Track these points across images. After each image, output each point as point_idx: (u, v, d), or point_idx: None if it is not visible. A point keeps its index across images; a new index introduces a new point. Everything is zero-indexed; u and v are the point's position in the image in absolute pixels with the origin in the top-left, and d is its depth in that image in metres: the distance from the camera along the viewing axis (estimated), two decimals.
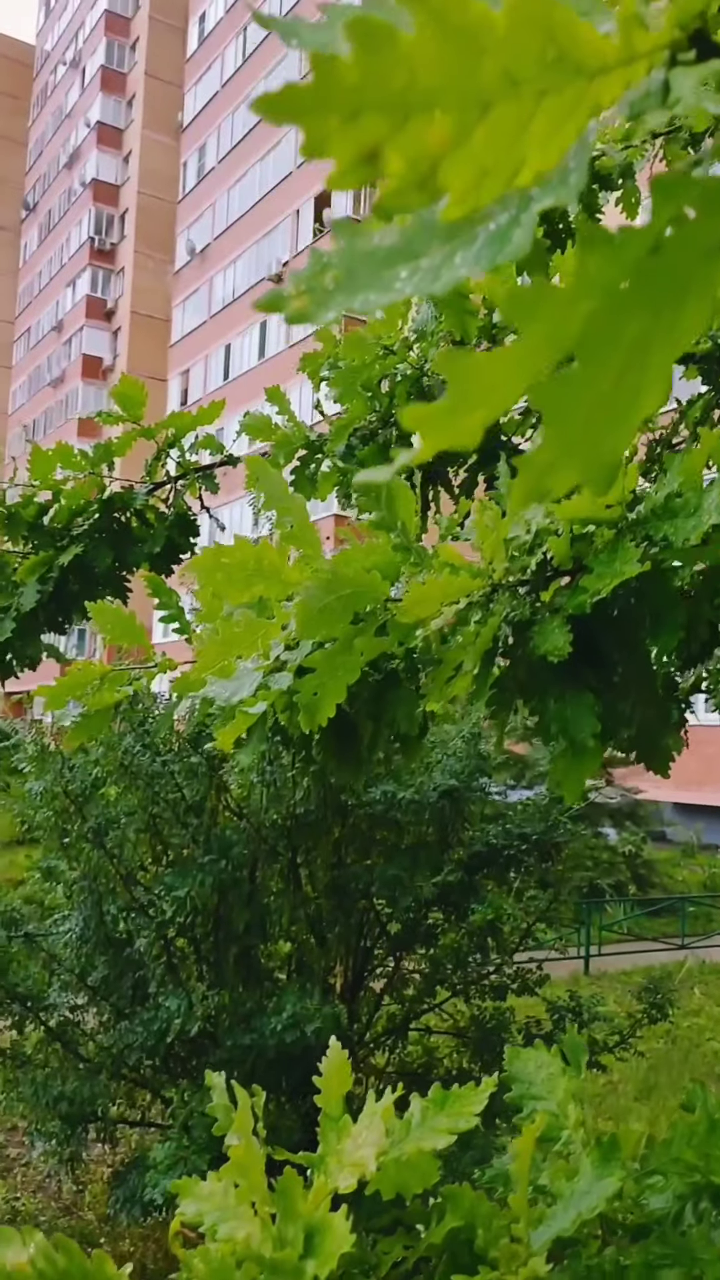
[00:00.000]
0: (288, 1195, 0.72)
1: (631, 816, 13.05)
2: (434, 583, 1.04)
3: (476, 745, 3.75)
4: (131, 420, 2.61)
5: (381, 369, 2.05)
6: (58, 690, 1.84)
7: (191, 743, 3.82)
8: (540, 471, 0.39)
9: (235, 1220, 0.77)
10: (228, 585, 1.09)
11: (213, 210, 34.98)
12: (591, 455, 0.39)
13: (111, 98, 42.99)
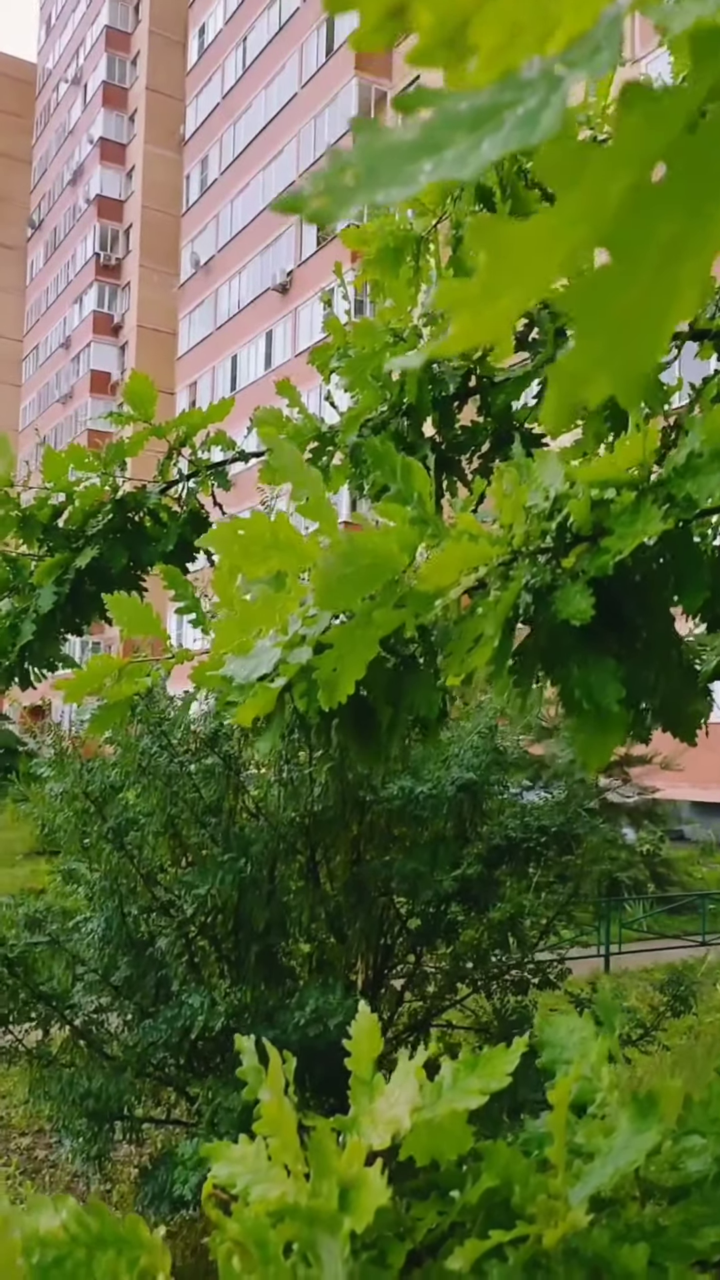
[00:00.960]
0: (321, 1151, 0.71)
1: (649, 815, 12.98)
2: (453, 549, 1.04)
3: (493, 739, 3.73)
4: (142, 419, 2.62)
5: (392, 356, 2.05)
6: (76, 683, 1.85)
7: (209, 743, 3.83)
8: (572, 381, 0.39)
9: (268, 1181, 0.77)
10: (244, 558, 1.09)
11: (216, 222, 35.19)
12: (625, 361, 0.38)
13: (113, 113, 43.36)
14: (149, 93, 42.07)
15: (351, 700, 1.94)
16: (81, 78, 46.01)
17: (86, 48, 45.70)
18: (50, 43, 52.28)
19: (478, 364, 2.28)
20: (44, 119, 52.41)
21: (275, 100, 31.84)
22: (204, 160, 36.38)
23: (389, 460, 1.19)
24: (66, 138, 47.77)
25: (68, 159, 47.16)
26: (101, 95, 43.36)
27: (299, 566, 1.16)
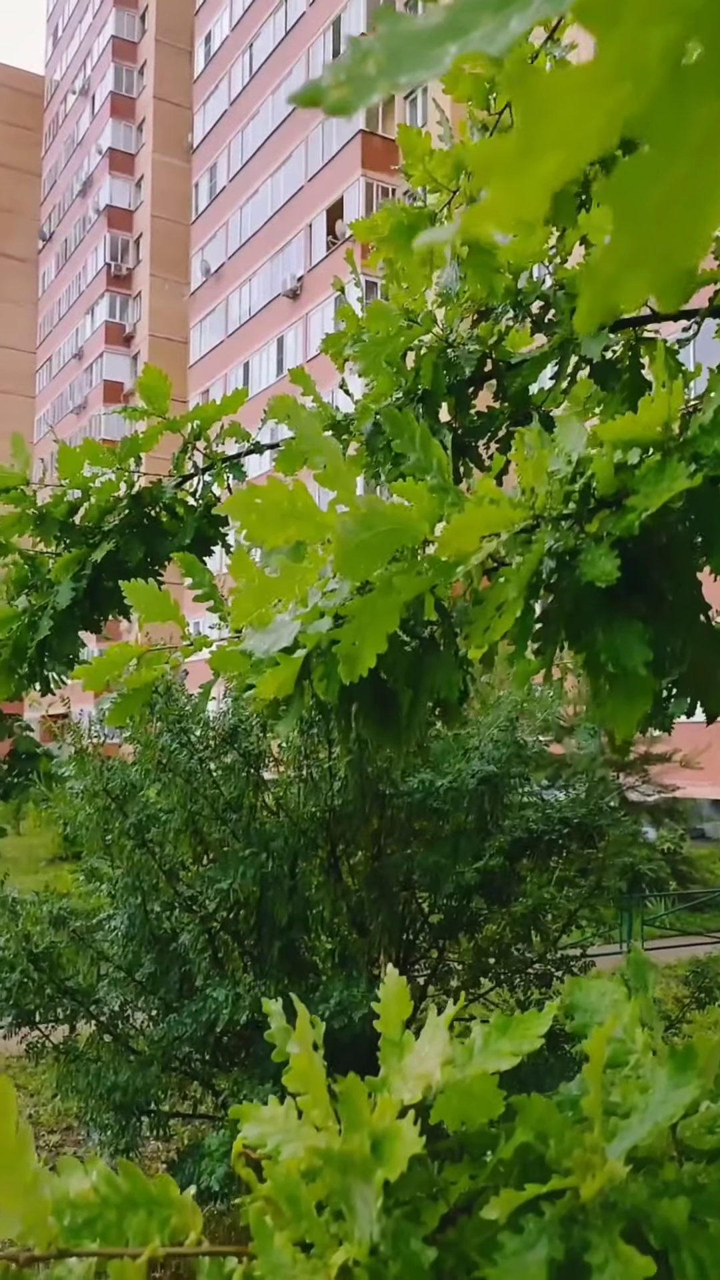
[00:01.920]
0: (352, 1104, 0.70)
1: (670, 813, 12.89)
2: (474, 512, 1.03)
3: (513, 733, 3.71)
4: (156, 413, 2.62)
5: (406, 340, 2.04)
6: (95, 670, 1.85)
7: (228, 739, 3.83)
8: (607, 281, 0.38)
9: (299, 1140, 0.76)
10: (262, 526, 1.08)
11: (225, 230, 35.34)
12: (663, 255, 0.37)
13: (122, 123, 43.65)
14: (156, 101, 42.34)
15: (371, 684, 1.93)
16: (89, 88, 46.37)
17: (94, 58, 46.06)
18: (57, 54, 52.74)
19: (493, 348, 2.27)
20: (53, 131, 52.85)
21: (283, 105, 31.94)
22: (212, 168, 36.57)
23: (408, 428, 1.18)
24: (75, 149, 48.15)
25: (77, 170, 47.52)
26: (109, 105, 43.68)
27: (317, 536, 1.15)
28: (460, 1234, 0.72)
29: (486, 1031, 0.85)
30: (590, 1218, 0.68)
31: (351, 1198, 0.65)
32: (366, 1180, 0.63)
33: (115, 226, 43.47)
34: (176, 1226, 0.76)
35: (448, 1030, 0.74)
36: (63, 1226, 0.78)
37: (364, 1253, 0.64)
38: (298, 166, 30.94)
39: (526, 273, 2.24)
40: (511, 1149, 0.73)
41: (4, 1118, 0.70)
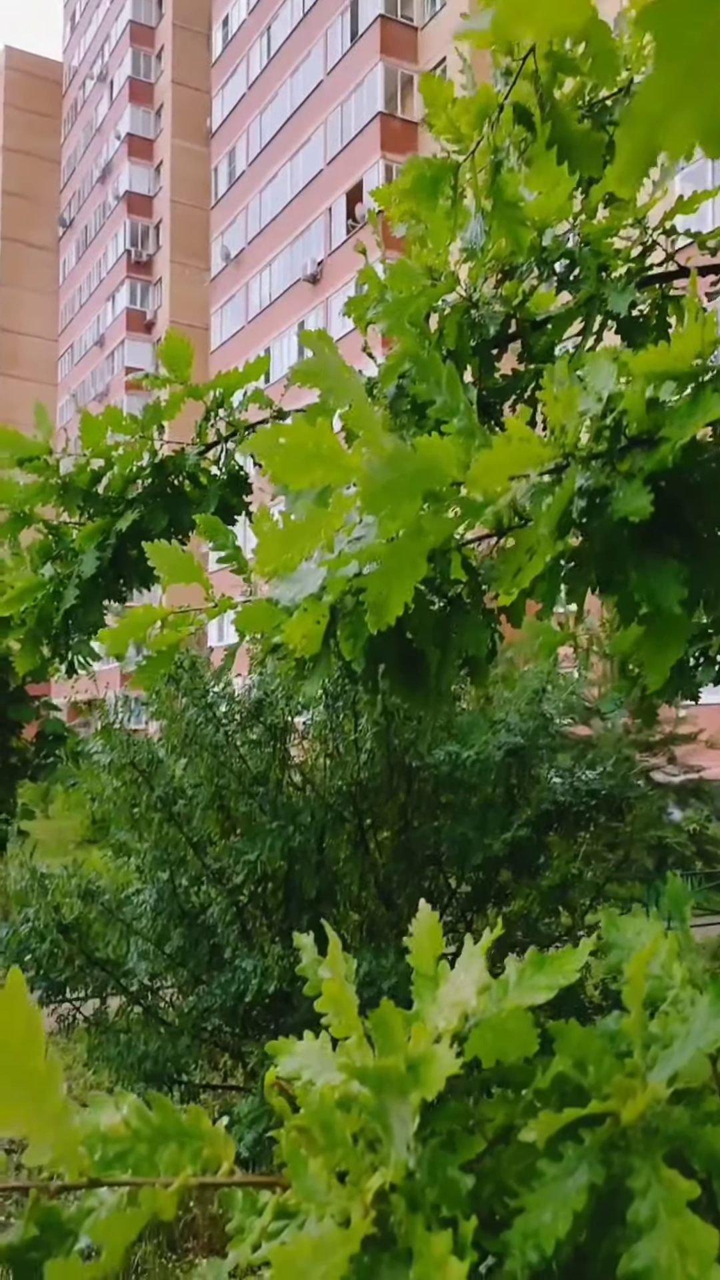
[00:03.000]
0: (387, 1028, 0.69)
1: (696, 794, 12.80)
2: (503, 449, 1.00)
3: (540, 704, 3.68)
4: (178, 380, 2.61)
5: (429, 299, 2.01)
6: (119, 632, 1.84)
7: (254, 714, 3.83)
8: (648, 122, 0.36)
9: (332, 1072, 0.75)
10: (286, 467, 1.07)
11: (245, 214, 35.20)
12: (710, 93, 0.35)
13: (140, 108, 43.52)
14: (175, 86, 42.16)
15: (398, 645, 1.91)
16: (107, 74, 46.25)
17: (111, 43, 45.90)
18: (75, 40, 52.62)
19: (518, 308, 2.23)
20: (71, 117, 52.81)
21: (301, 88, 31.72)
22: (231, 152, 36.40)
23: (434, 371, 1.16)
24: (94, 135, 48.09)
25: (96, 156, 47.48)
26: (128, 91, 43.55)
27: (343, 480, 1.13)
28: (497, 1162, 0.71)
29: (521, 967, 0.84)
30: (631, 1143, 0.66)
31: (388, 1118, 0.64)
32: (403, 1098, 0.62)
33: (135, 213, 43.43)
34: (209, 1158, 0.75)
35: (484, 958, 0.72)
36: (93, 1160, 0.77)
37: (400, 1176, 0.63)
38: (317, 150, 30.72)
39: (551, 230, 2.19)
40: (549, 1078, 0.71)
41: (33, 1047, 0.70)
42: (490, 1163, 0.72)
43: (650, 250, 2.01)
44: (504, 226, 1.71)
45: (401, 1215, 0.64)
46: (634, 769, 4.21)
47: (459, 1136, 0.76)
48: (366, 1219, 0.62)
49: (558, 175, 1.76)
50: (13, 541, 2.88)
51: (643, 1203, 0.64)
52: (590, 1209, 0.66)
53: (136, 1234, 0.69)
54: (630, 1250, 0.63)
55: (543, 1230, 0.63)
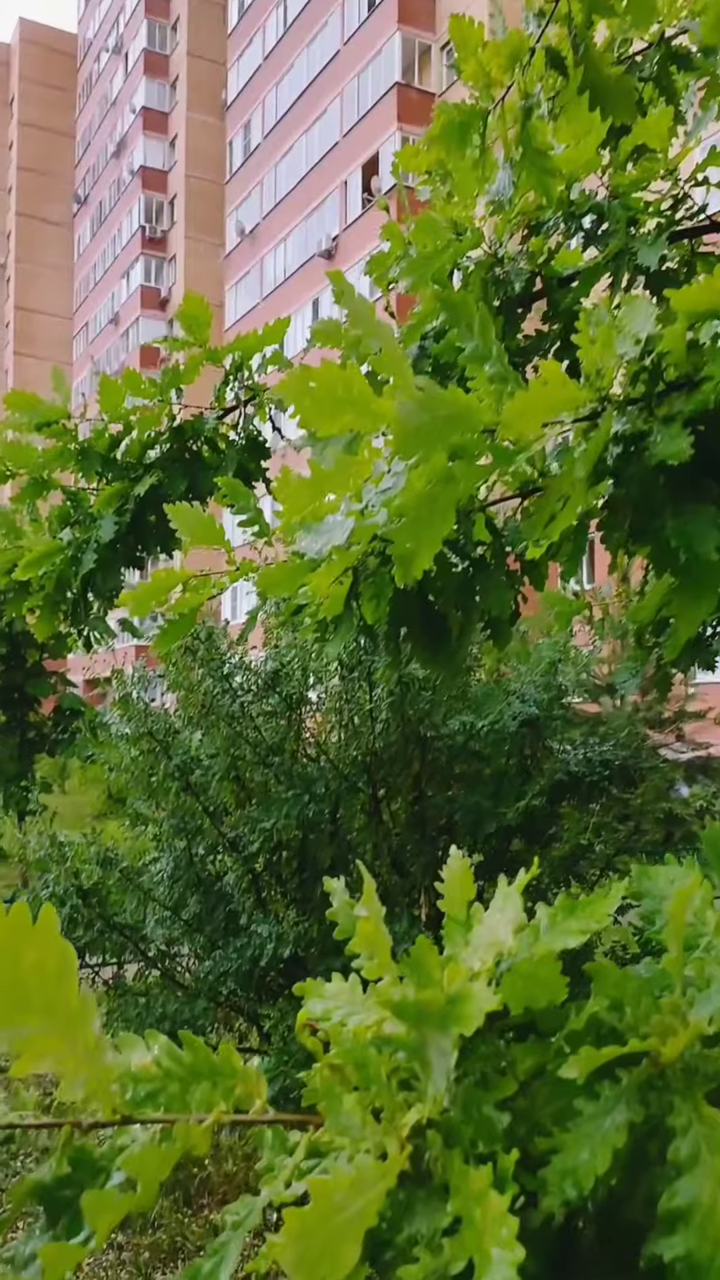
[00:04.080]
0: (423, 964, 0.68)
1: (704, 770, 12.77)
2: (539, 391, 0.98)
3: (555, 674, 3.66)
4: (197, 343, 2.58)
5: (454, 254, 1.97)
6: (141, 595, 1.83)
7: (270, 684, 3.83)
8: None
9: (365, 1012, 0.74)
10: (315, 412, 1.04)
11: (260, 188, 34.86)
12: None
13: (155, 81, 43.07)
14: (190, 58, 41.68)
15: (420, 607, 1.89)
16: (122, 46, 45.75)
17: (126, 14, 45.37)
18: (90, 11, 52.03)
19: (543, 266, 2.19)
20: (86, 91, 52.33)
21: (318, 59, 31.28)
22: (247, 125, 36.00)
23: (465, 314, 1.13)
24: (109, 109, 47.66)
25: (111, 130, 47.08)
26: (143, 63, 43.09)
27: (373, 427, 1.11)
28: (531, 1102, 0.70)
29: (552, 912, 0.82)
30: (670, 1082, 0.65)
31: (426, 1053, 0.63)
32: (443, 1032, 0.61)
33: (149, 188, 43.09)
34: (241, 1096, 0.75)
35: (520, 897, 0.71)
36: (125, 1100, 0.77)
37: (438, 1110, 0.62)
38: (333, 121, 30.34)
39: (579, 184, 2.15)
40: (584, 1019, 0.70)
41: (66, 983, 0.69)
42: (524, 1102, 0.71)
43: (681, 203, 1.96)
44: (533, 176, 1.67)
45: (438, 1151, 0.63)
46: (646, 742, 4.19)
47: (491, 1079, 0.75)
48: (403, 1154, 0.61)
49: (589, 123, 1.72)
50: (31, 507, 2.87)
51: (683, 1141, 0.62)
52: (628, 1149, 0.65)
53: (170, 1170, 0.68)
54: (671, 1188, 0.62)
55: (581, 1168, 0.62)
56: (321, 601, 1.38)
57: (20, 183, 54.23)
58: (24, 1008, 0.65)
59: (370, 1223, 0.58)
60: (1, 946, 0.64)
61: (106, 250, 47.67)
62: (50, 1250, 0.58)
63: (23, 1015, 0.65)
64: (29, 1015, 0.65)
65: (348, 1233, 0.56)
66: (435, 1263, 0.62)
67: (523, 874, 0.73)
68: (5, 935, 0.64)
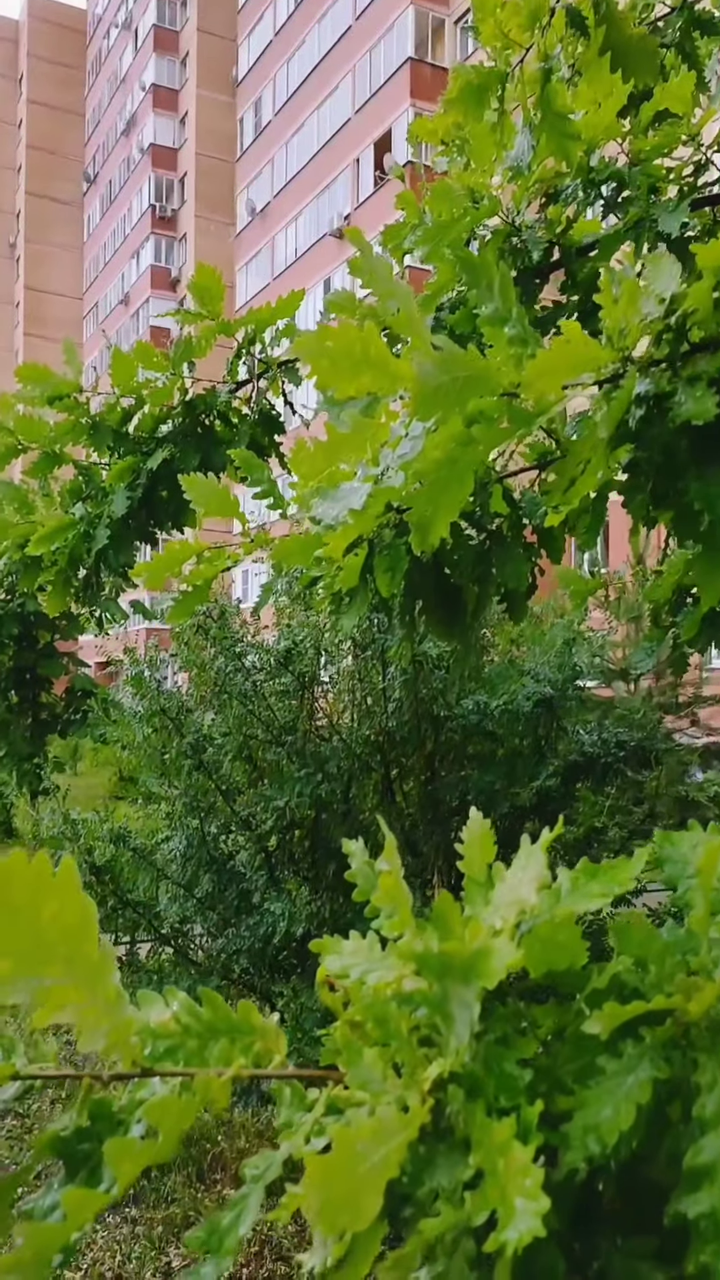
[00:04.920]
0: (445, 919, 0.67)
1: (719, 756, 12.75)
2: (560, 350, 0.96)
3: (571, 654, 3.65)
4: (209, 315, 2.56)
5: (471, 222, 1.94)
6: (155, 566, 1.83)
7: (283, 663, 3.83)
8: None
9: (385, 969, 0.74)
10: (332, 373, 1.03)
11: (271, 166, 34.56)
12: None
13: (165, 58, 42.66)
14: (200, 34, 41.25)
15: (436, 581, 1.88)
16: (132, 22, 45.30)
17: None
18: None
19: (561, 235, 2.16)
20: (95, 68, 51.89)
21: (330, 34, 30.91)
22: (257, 102, 35.65)
23: (485, 274, 1.11)
24: (119, 86, 47.26)
25: (120, 108, 46.71)
26: (153, 39, 42.67)
27: (391, 388, 1.09)
28: (553, 1061, 0.69)
29: (574, 875, 0.82)
30: (695, 1040, 0.64)
31: (448, 1006, 0.62)
32: (467, 983, 0.60)
33: (159, 166, 42.79)
34: (260, 1052, 0.75)
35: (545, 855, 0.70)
36: (143, 1056, 0.77)
37: (460, 1063, 0.61)
38: (344, 98, 30.01)
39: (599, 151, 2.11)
40: (606, 978, 0.70)
41: (87, 934, 0.69)
42: (545, 1060, 0.70)
43: (703, 169, 1.93)
44: (552, 140, 1.64)
45: (459, 1105, 0.63)
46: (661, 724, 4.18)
47: (512, 1039, 0.75)
48: (424, 1106, 0.61)
49: (610, 85, 1.69)
50: (43, 482, 2.87)
51: (709, 1098, 0.62)
52: (651, 1107, 0.65)
53: (191, 1122, 0.68)
54: (696, 1145, 0.62)
55: (604, 1124, 0.62)
56: (338, 569, 1.37)
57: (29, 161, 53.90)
58: (45, 958, 0.65)
59: (392, 1173, 0.58)
60: (23, 897, 0.64)
61: (116, 230, 47.41)
62: (72, 1195, 0.58)
63: (44, 966, 0.65)
64: (50, 966, 0.65)
65: (370, 1181, 0.56)
66: (457, 1216, 0.62)
67: (546, 833, 0.72)
68: (26, 886, 0.64)
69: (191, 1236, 0.72)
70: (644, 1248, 0.66)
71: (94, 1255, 3.44)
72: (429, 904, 2.40)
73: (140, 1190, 3.78)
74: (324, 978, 0.75)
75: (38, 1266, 0.65)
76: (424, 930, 0.70)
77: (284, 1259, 3.37)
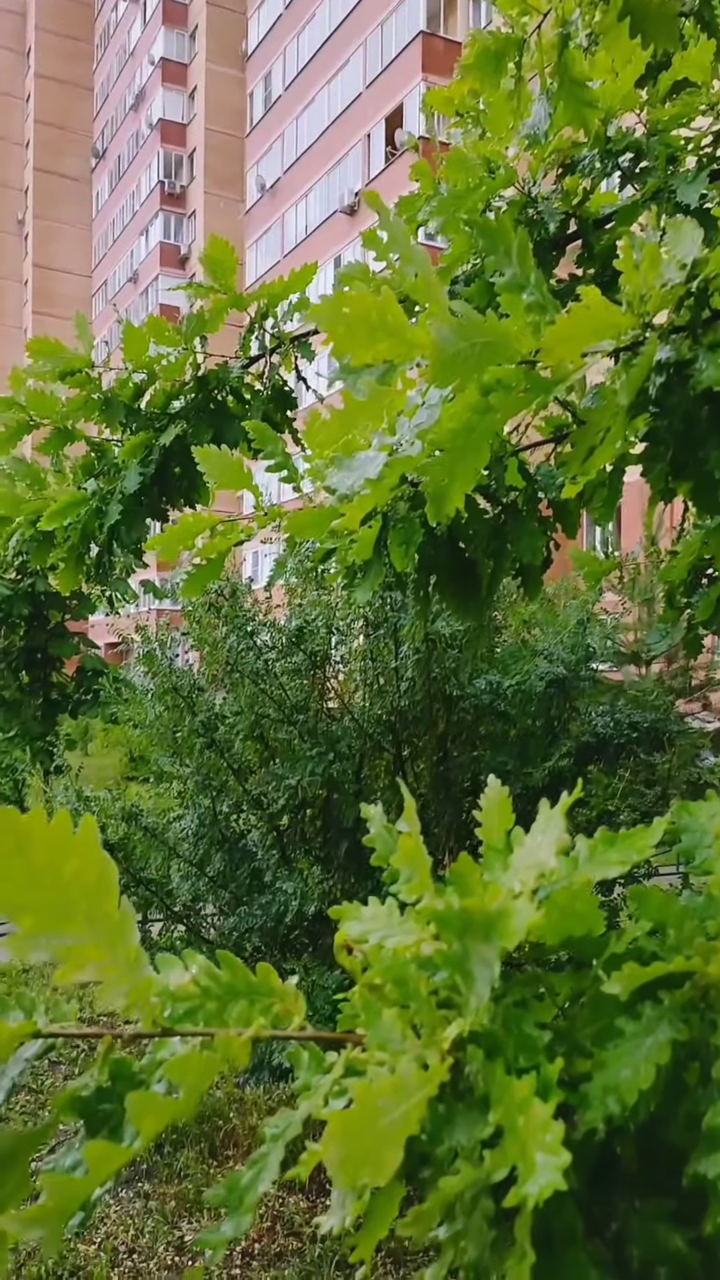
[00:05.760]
0: (465, 881, 0.68)
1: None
2: (581, 315, 0.95)
3: (584, 634, 3.63)
4: (222, 289, 2.54)
5: (487, 192, 1.92)
6: (169, 538, 1.83)
7: (294, 641, 3.83)
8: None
9: (403, 933, 0.74)
10: (349, 339, 1.02)
11: (281, 141, 34.21)
12: None
13: (174, 31, 42.17)
14: (209, 7, 40.73)
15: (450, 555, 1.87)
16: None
17: None
18: None
19: (578, 206, 2.13)
20: (104, 42, 51.34)
21: (340, 7, 30.48)
22: (267, 76, 35.24)
23: (503, 239, 1.09)
24: (127, 60, 46.77)
25: (129, 83, 46.25)
26: (161, 12, 42.16)
27: (407, 356, 1.08)
28: (571, 1024, 0.69)
29: (592, 843, 0.81)
30: (714, 1002, 0.64)
31: (469, 965, 0.63)
32: (488, 941, 0.61)
33: (168, 142, 42.40)
34: (279, 1013, 0.75)
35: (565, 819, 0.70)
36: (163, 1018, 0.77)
37: (481, 1021, 0.61)
38: (355, 72, 29.63)
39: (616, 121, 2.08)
40: (625, 943, 0.70)
41: (107, 894, 0.69)
42: (563, 1023, 0.71)
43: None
44: (570, 107, 1.62)
45: (479, 1064, 0.63)
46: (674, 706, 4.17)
47: (530, 1003, 0.75)
48: (444, 1065, 0.61)
49: (628, 52, 1.66)
50: (55, 458, 2.86)
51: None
52: (670, 1067, 0.65)
53: (212, 1081, 0.69)
54: (716, 1106, 0.62)
55: (623, 1084, 0.62)
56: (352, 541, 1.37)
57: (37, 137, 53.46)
58: (66, 916, 0.65)
59: (412, 1129, 0.58)
60: (44, 855, 0.64)
61: (125, 206, 47.07)
62: (94, 1148, 0.59)
63: (65, 924, 0.66)
64: (71, 924, 0.66)
65: (391, 1136, 0.56)
66: (476, 1174, 0.62)
67: (565, 796, 0.72)
68: (48, 844, 0.64)
69: (212, 1194, 0.73)
70: (662, 1210, 0.67)
71: (108, 1229, 3.49)
72: (441, 882, 2.39)
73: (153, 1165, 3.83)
74: (342, 942, 0.75)
75: (59, 1219, 0.65)
76: (443, 893, 0.70)
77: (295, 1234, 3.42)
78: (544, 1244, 0.63)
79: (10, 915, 0.67)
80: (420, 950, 0.71)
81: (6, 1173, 0.71)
